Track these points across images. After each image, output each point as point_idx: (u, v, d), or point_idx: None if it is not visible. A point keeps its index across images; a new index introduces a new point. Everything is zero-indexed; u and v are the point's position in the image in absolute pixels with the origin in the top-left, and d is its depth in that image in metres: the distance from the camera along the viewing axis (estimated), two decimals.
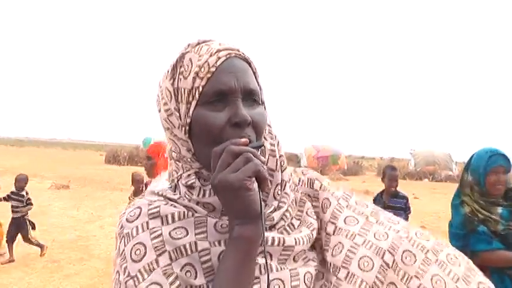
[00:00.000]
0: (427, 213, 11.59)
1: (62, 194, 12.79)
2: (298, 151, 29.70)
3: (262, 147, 0.89)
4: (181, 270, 0.79)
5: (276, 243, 0.84)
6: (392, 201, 4.87)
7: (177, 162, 0.92)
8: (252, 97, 0.87)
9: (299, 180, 1.05)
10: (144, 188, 5.67)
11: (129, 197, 5.93)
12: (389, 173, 5.05)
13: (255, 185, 0.77)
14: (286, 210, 0.91)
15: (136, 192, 5.75)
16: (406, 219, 4.55)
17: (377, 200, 4.88)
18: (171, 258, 0.80)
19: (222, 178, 0.74)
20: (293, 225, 0.92)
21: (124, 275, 0.79)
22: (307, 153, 28.56)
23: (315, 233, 0.93)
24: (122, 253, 0.81)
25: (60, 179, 15.53)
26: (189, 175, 0.89)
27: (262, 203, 0.77)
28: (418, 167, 27.16)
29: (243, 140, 0.78)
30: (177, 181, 0.92)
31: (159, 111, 0.92)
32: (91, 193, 13.32)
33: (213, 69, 0.83)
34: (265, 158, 0.91)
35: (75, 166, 25.31)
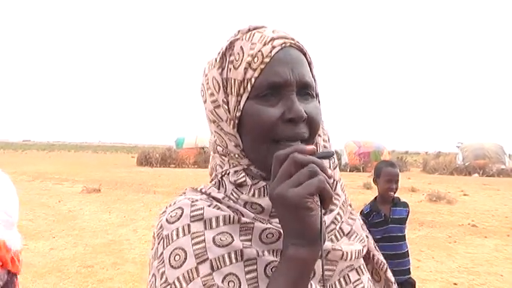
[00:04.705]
0: (478, 211, 11.01)
1: (93, 198, 12.81)
2: (339, 147, 29.26)
3: (332, 158, 0.83)
4: (223, 281, 0.72)
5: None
6: (397, 212, 3.45)
7: (223, 157, 0.88)
8: (306, 90, 0.81)
9: None
10: None
11: None
12: (387, 170, 3.49)
13: (317, 200, 0.68)
14: (338, 213, 0.86)
15: None
16: (405, 236, 3.51)
17: (373, 216, 3.41)
18: (212, 267, 0.73)
19: (280, 192, 0.67)
20: (342, 231, 0.87)
21: (161, 280, 0.73)
22: (347, 149, 28.01)
23: (365, 250, 0.88)
24: (160, 256, 0.76)
25: (92, 183, 15.61)
26: (236, 171, 0.84)
27: (323, 224, 0.70)
28: (466, 162, 26.23)
29: (310, 147, 0.70)
30: (221, 177, 0.87)
31: (205, 102, 0.87)
32: (123, 196, 13.31)
33: (267, 59, 0.78)
34: (332, 170, 0.86)
35: (106, 169, 25.62)
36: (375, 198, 3.57)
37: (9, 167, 24.73)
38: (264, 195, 0.80)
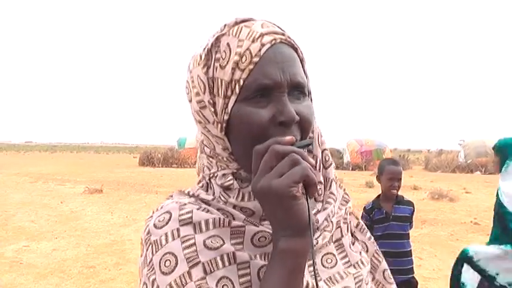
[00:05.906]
0: (480, 208, 10.93)
1: (95, 198, 12.81)
2: (341, 146, 29.32)
3: (311, 147, 0.79)
4: (216, 285, 0.70)
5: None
6: (399, 210, 3.44)
7: (210, 158, 0.84)
8: (298, 89, 0.76)
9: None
10: None
11: None
12: (390, 168, 3.50)
13: (301, 188, 0.67)
14: (331, 210, 0.84)
15: None
16: (408, 235, 3.50)
17: (375, 213, 3.44)
18: (205, 271, 0.70)
19: (264, 184, 0.65)
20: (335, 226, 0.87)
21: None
22: (350, 148, 28.01)
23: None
24: (149, 263, 0.73)
25: (94, 183, 15.62)
26: (224, 175, 0.80)
27: (311, 211, 0.69)
28: (468, 159, 26.14)
29: (289, 138, 0.68)
30: (209, 179, 0.84)
31: (190, 101, 0.82)
32: (125, 196, 13.31)
33: (255, 59, 0.73)
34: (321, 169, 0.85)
35: (108, 170, 25.63)
36: (379, 195, 3.58)
37: (12, 168, 24.81)
38: (253, 199, 0.77)
